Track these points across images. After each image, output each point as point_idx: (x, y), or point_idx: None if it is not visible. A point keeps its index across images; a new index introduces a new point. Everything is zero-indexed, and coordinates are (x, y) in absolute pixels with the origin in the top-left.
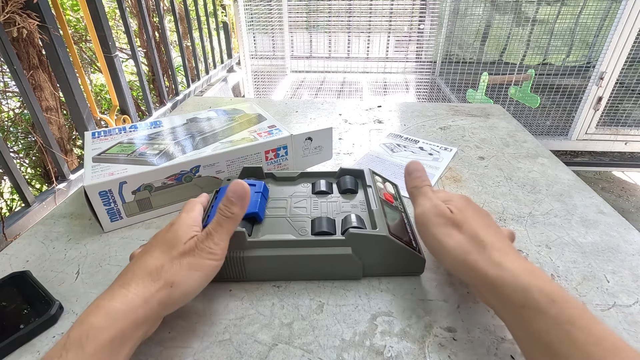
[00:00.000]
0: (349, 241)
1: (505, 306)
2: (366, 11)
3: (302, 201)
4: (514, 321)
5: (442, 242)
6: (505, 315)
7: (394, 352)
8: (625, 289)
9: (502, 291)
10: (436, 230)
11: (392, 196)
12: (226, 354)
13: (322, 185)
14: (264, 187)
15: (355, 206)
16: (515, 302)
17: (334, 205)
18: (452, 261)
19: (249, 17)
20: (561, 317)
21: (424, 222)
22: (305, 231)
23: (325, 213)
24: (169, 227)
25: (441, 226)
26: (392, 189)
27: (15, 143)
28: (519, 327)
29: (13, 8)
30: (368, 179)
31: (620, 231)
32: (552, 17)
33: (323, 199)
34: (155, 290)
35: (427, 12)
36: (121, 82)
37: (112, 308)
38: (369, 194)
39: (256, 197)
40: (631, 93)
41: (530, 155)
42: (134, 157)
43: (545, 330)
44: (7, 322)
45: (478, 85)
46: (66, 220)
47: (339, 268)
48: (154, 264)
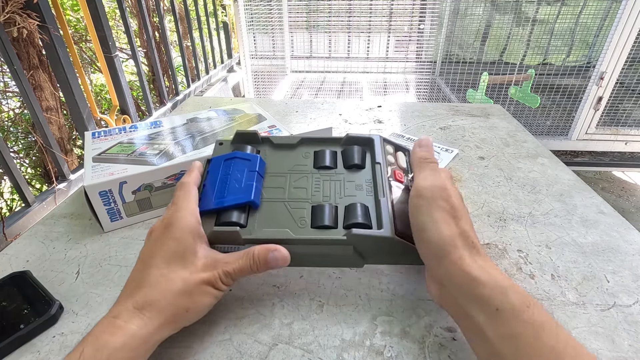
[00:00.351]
0: (351, 240)
1: (480, 306)
2: (366, 11)
3: (302, 179)
4: (487, 322)
5: (437, 227)
6: (477, 316)
7: (394, 352)
8: (625, 289)
9: (481, 291)
10: (436, 213)
11: (403, 173)
12: (226, 354)
13: (325, 159)
14: (260, 162)
15: (360, 187)
16: (492, 303)
17: (337, 185)
18: (437, 249)
19: (249, 17)
20: (533, 321)
21: (427, 198)
22: (305, 222)
23: (327, 197)
24: (166, 226)
25: (443, 211)
26: (405, 160)
27: (15, 143)
28: (490, 329)
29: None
30: (378, 153)
31: (620, 231)
32: (552, 17)
33: (326, 176)
34: (172, 316)
35: (427, 12)
36: (121, 82)
37: (129, 331)
38: (378, 174)
39: (251, 178)
40: (631, 93)
41: (531, 155)
42: (134, 157)
43: (518, 333)
44: (7, 322)
45: (478, 85)
46: (66, 220)
47: (339, 262)
48: (167, 286)
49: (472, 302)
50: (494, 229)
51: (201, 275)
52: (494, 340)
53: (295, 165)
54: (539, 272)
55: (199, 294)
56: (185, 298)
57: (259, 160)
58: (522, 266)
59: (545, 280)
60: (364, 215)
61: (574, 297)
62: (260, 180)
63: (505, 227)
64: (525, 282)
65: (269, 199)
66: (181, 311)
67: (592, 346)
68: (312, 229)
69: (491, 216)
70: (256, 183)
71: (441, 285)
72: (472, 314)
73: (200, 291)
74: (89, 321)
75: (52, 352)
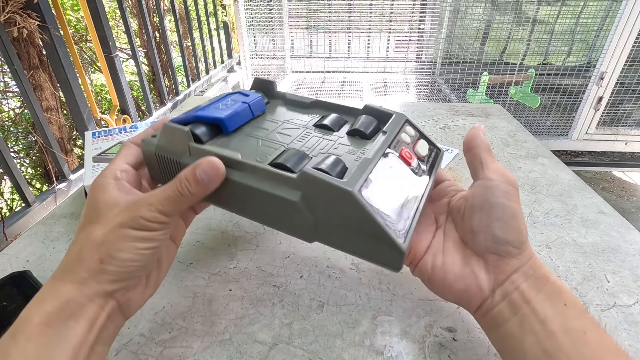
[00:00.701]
0: (300, 183)
1: (549, 300)
2: (366, 11)
3: (293, 130)
4: (554, 316)
5: (523, 218)
6: (542, 309)
7: (394, 352)
8: (625, 289)
9: (551, 287)
10: (520, 205)
11: (417, 158)
12: (226, 354)
13: (328, 121)
14: (259, 101)
15: (352, 152)
16: (561, 298)
17: (327, 144)
18: (523, 239)
19: (249, 17)
20: (596, 321)
21: (516, 188)
22: (265, 159)
23: (308, 150)
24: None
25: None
26: (426, 148)
27: (15, 143)
28: (556, 322)
29: (13, 8)
30: (392, 124)
31: (620, 231)
32: (552, 17)
33: (319, 134)
34: (88, 272)
35: (427, 12)
36: (121, 82)
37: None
38: (379, 141)
39: (236, 105)
40: (631, 93)
41: (531, 155)
42: None
43: (585, 328)
44: (7, 322)
45: (478, 85)
46: (66, 220)
47: (284, 216)
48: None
49: (540, 295)
50: None
51: (114, 220)
52: (558, 335)
53: (294, 119)
54: None
55: (116, 240)
56: (98, 248)
57: (258, 99)
58: None
59: None
60: (332, 165)
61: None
62: (248, 114)
63: None
64: None
65: (246, 134)
66: (95, 264)
67: None
68: (267, 165)
69: None
70: (237, 110)
71: (494, 278)
72: (538, 307)
73: (116, 237)
74: None
75: None
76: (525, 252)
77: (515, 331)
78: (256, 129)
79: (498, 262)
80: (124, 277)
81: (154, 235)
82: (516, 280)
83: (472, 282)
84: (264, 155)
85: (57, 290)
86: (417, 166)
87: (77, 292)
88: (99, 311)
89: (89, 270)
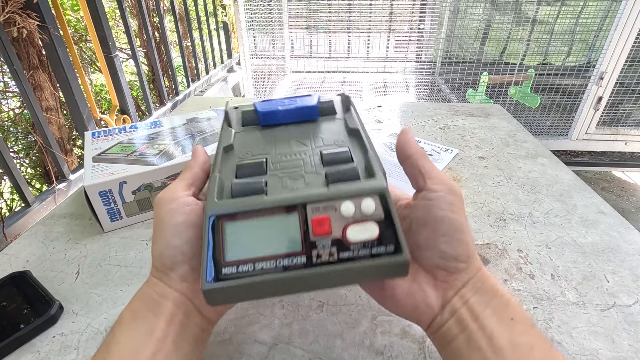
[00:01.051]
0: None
1: (496, 315)
2: (366, 11)
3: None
4: (501, 331)
5: (469, 230)
6: (490, 324)
7: (394, 352)
8: (625, 289)
9: (499, 300)
10: (464, 215)
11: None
12: (226, 354)
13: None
14: (309, 109)
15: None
16: (508, 312)
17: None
18: (470, 253)
19: (249, 17)
20: (542, 337)
21: (459, 196)
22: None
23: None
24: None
25: (465, 214)
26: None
27: (15, 143)
28: (503, 338)
29: (13, 8)
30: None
31: (620, 231)
32: (552, 17)
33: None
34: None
35: (427, 12)
36: (121, 82)
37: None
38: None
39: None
40: (631, 93)
41: (530, 155)
42: (134, 157)
43: (532, 343)
44: (7, 322)
45: (478, 85)
46: (66, 220)
47: None
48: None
49: (487, 310)
50: (494, 229)
51: (163, 217)
52: (505, 351)
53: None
54: (538, 272)
55: (161, 229)
56: (154, 246)
57: (312, 107)
58: (522, 266)
59: (545, 280)
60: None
61: (574, 297)
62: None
63: (505, 227)
64: (525, 282)
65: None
66: (156, 262)
67: (592, 346)
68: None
69: (491, 216)
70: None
71: (443, 295)
72: (485, 322)
73: (161, 226)
74: (89, 321)
75: (52, 352)
76: (474, 265)
77: (463, 349)
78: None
79: (447, 278)
80: (173, 264)
81: (190, 202)
82: (465, 294)
83: (421, 299)
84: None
85: (142, 290)
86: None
87: (152, 290)
88: (174, 309)
89: (156, 271)
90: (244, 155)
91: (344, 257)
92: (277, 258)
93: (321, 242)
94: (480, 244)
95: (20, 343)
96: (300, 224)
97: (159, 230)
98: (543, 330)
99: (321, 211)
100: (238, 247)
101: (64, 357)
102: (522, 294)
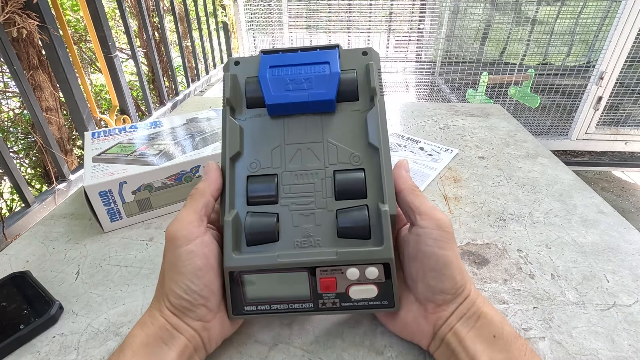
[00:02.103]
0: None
1: (479, 335)
2: (366, 11)
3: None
4: (482, 351)
5: (458, 263)
6: (473, 345)
7: (394, 352)
8: (625, 289)
9: (482, 322)
10: (455, 249)
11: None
12: (226, 354)
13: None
14: (327, 102)
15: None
16: (490, 331)
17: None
18: (458, 286)
19: (249, 17)
20: (525, 350)
21: (448, 232)
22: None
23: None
24: (166, 240)
25: (456, 247)
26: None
27: (15, 143)
28: (484, 356)
29: (13, 8)
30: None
31: (620, 231)
32: (552, 17)
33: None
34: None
35: (427, 12)
36: (121, 82)
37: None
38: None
39: (299, 92)
40: (631, 93)
41: (530, 155)
42: (134, 157)
43: (513, 359)
44: (7, 322)
45: (478, 85)
46: (66, 220)
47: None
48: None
49: (471, 332)
50: (494, 228)
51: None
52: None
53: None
54: (538, 271)
55: (171, 268)
56: (162, 285)
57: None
58: (522, 266)
59: (545, 280)
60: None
61: (574, 296)
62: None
63: (505, 227)
64: (525, 282)
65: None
66: (165, 300)
67: (592, 346)
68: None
69: (491, 216)
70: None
71: (433, 324)
72: (468, 344)
73: (170, 264)
74: (89, 321)
75: (52, 353)
76: (462, 294)
77: None
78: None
79: (435, 310)
80: (193, 306)
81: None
82: (452, 322)
83: (416, 329)
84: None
85: (155, 317)
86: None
87: (165, 321)
88: (187, 343)
89: (172, 306)
90: (253, 163)
91: (345, 306)
92: (289, 302)
93: (327, 295)
94: (480, 244)
95: (20, 343)
96: (309, 281)
97: (176, 271)
98: (543, 330)
99: (329, 273)
100: (256, 291)
101: (64, 357)
102: (522, 294)
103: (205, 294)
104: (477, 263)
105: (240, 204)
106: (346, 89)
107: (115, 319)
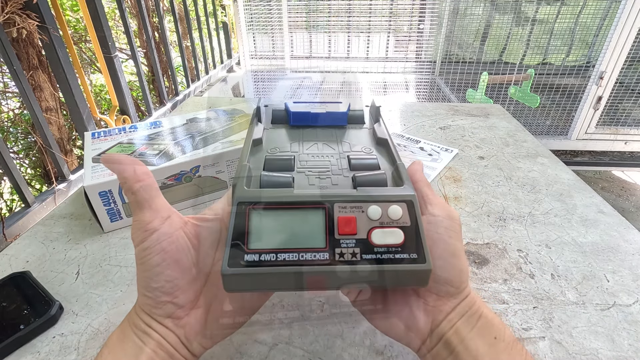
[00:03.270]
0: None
1: (481, 336)
2: (366, 11)
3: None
4: (486, 351)
5: (464, 255)
6: (475, 346)
7: (394, 352)
8: (625, 289)
9: (483, 322)
10: (461, 241)
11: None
12: (226, 354)
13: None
14: (339, 115)
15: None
16: (491, 332)
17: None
18: (463, 279)
19: (249, 17)
20: (525, 352)
21: (459, 223)
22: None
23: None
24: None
25: (462, 241)
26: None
27: (15, 143)
28: (487, 356)
29: (13, 8)
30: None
31: (620, 231)
32: (552, 16)
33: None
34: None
35: (427, 12)
36: (121, 82)
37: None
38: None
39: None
40: (631, 92)
41: (530, 155)
42: (133, 157)
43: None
44: (7, 323)
45: (478, 85)
46: (66, 220)
47: None
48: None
49: (472, 332)
50: (494, 228)
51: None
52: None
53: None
54: (538, 271)
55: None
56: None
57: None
58: (522, 266)
59: (545, 279)
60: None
61: (574, 296)
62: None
63: (505, 226)
64: (525, 282)
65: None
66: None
67: (592, 346)
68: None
69: (491, 216)
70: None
71: (432, 319)
72: (470, 344)
73: (140, 251)
74: (89, 321)
75: (52, 353)
76: (464, 291)
77: None
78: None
79: (436, 303)
80: (156, 303)
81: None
82: (453, 319)
83: (412, 323)
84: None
85: (131, 315)
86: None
87: (139, 318)
88: (161, 340)
89: (141, 303)
90: (272, 150)
91: (367, 259)
92: (299, 252)
93: (345, 242)
94: (480, 244)
95: (20, 343)
96: (326, 221)
97: (138, 271)
98: (543, 329)
99: (348, 211)
100: (262, 236)
101: (64, 357)
102: (522, 294)
103: (169, 290)
104: (477, 263)
105: (257, 171)
106: (354, 115)
107: (115, 319)
